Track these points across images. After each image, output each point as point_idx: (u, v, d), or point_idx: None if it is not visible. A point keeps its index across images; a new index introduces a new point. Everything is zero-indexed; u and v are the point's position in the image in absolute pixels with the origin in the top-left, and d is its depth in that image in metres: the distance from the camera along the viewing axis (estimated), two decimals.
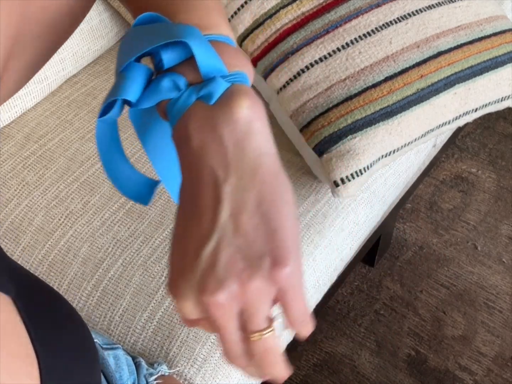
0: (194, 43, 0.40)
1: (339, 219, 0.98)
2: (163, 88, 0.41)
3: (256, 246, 0.38)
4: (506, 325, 1.44)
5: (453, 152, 1.82)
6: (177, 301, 0.39)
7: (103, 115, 0.43)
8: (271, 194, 0.39)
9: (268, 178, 0.40)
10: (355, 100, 0.95)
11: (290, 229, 0.39)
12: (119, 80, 0.42)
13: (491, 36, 1.05)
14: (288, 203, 0.40)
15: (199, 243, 0.38)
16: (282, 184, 0.40)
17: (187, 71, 0.41)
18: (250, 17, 1.05)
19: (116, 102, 0.42)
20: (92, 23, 1.15)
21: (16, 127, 1.07)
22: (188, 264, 0.39)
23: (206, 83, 0.41)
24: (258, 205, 0.39)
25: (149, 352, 0.82)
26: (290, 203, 0.40)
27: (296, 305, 0.39)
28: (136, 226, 0.92)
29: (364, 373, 1.37)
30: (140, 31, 0.43)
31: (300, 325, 0.39)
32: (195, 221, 0.39)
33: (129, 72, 0.42)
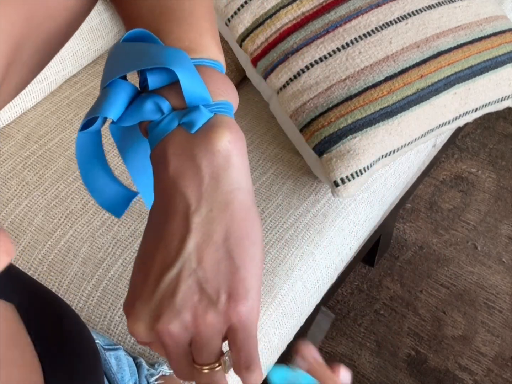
0: (181, 70, 0.40)
1: (339, 219, 0.98)
2: (145, 110, 0.41)
3: (215, 281, 0.39)
4: (506, 325, 1.44)
5: (453, 152, 1.82)
6: (129, 321, 0.40)
7: (84, 129, 0.43)
8: (239, 231, 0.39)
9: (238, 215, 0.40)
10: (355, 100, 0.95)
11: (252, 269, 0.39)
12: (103, 96, 0.42)
13: (491, 36, 1.05)
14: (255, 243, 0.40)
15: (162, 269, 0.39)
16: (252, 222, 0.40)
17: (171, 95, 0.41)
18: (250, 17, 1.05)
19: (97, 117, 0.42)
20: (92, 23, 1.15)
21: (16, 127, 1.07)
22: (147, 288, 0.39)
23: (189, 110, 0.41)
24: (224, 240, 0.39)
25: (149, 352, 0.82)
26: (257, 243, 0.40)
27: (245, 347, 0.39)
28: (136, 226, 0.92)
29: (364, 373, 1.37)
30: (129, 48, 0.42)
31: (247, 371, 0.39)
32: (161, 246, 0.39)
33: (113, 89, 0.41)
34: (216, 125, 0.40)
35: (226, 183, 0.40)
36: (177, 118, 0.41)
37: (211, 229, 0.39)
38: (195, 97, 0.41)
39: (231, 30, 1.07)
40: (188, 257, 0.39)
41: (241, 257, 0.39)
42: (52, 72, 1.10)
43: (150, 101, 0.41)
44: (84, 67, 1.19)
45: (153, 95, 0.41)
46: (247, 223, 0.40)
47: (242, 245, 0.39)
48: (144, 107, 0.41)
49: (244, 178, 0.41)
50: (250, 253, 0.39)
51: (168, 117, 0.41)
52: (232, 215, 0.39)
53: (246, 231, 0.40)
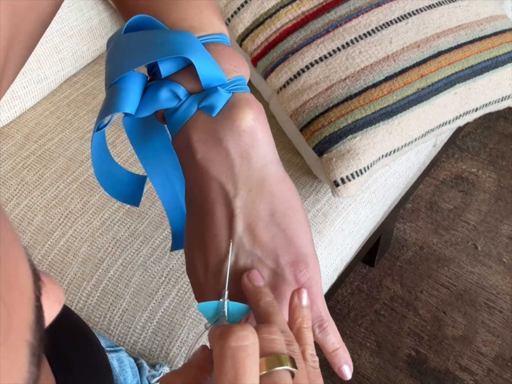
0: (194, 55, 0.39)
1: (339, 219, 0.98)
2: (161, 98, 0.41)
3: (274, 254, 0.39)
4: (507, 325, 1.44)
5: (453, 152, 1.81)
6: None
7: (99, 129, 0.42)
8: (282, 204, 0.40)
9: (276, 188, 0.40)
10: (355, 99, 0.95)
11: (304, 234, 0.40)
12: (115, 92, 0.41)
13: (492, 36, 1.05)
14: (299, 210, 0.41)
15: (219, 259, 0.40)
16: (290, 191, 0.41)
17: (185, 80, 0.41)
18: (250, 17, 1.04)
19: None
20: (92, 23, 1.15)
21: (15, 126, 1.07)
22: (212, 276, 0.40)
23: (207, 93, 0.40)
24: (270, 215, 0.40)
25: (149, 352, 0.82)
26: (300, 209, 0.41)
27: (318, 302, 0.40)
28: (136, 226, 0.92)
29: (364, 373, 1.37)
30: (135, 40, 0.41)
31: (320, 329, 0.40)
32: (210, 237, 0.40)
33: (124, 83, 0.41)
34: (236, 104, 0.40)
35: (257, 160, 0.40)
36: (195, 102, 0.40)
37: (255, 209, 0.40)
38: (211, 79, 0.40)
39: (231, 30, 1.06)
40: (239, 241, 0.39)
41: (291, 227, 0.40)
42: (52, 72, 1.10)
43: (165, 89, 0.41)
44: (83, 66, 1.19)
45: (166, 82, 0.41)
46: (286, 194, 0.41)
47: (288, 216, 0.40)
48: (160, 96, 0.41)
49: (272, 151, 0.41)
50: (297, 221, 0.40)
51: (186, 103, 0.40)
52: (271, 189, 0.40)
53: (288, 201, 0.41)
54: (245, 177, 0.40)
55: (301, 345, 0.38)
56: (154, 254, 0.89)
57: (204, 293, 0.41)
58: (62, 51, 1.11)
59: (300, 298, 0.39)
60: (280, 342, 0.34)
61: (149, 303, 0.84)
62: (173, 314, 0.83)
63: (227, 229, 0.39)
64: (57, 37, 1.10)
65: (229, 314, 0.38)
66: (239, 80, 0.42)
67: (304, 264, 0.40)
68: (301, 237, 0.40)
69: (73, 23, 1.12)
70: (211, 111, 0.40)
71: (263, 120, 0.41)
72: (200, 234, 0.41)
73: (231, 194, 0.39)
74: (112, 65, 0.42)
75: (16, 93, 1.06)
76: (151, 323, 0.83)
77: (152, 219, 0.92)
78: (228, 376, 0.30)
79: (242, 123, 0.40)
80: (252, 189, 0.40)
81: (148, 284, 0.86)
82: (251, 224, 0.39)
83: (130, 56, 0.41)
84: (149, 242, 0.90)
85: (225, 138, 0.39)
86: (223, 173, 0.39)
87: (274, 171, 0.41)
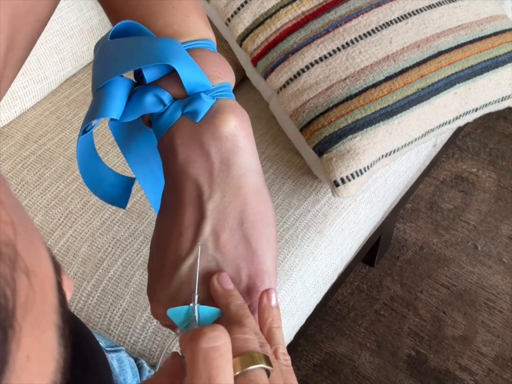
0: (178, 63, 0.40)
1: (339, 219, 0.98)
2: (146, 103, 0.41)
3: (235, 263, 0.39)
4: (507, 325, 1.44)
5: (453, 152, 1.81)
6: (152, 305, 0.41)
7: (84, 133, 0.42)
8: (253, 215, 0.40)
9: (251, 198, 0.40)
10: (355, 100, 0.95)
11: (269, 251, 0.40)
12: (100, 97, 0.41)
13: (492, 36, 1.05)
14: (269, 225, 0.41)
15: (179, 255, 0.39)
16: (265, 204, 0.41)
17: (170, 86, 0.41)
18: (250, 17, 1.04)
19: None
20: (92, 23, 1.15)
21: (15, 126, 1.07)
22: (166, 274, 0.40)
23: (191, 99, 0.41)
24: (239, 224, 0.40)
25: (149, 352, 0.82)
26: (271, 224, 0.41)
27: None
28: (136, 226, 0.92)
29: (364, 373, 1.37)
30: (120, 46, 0.42)
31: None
32: (176, 234, 0.40)
33: (109, 88, 0.41)
34: (220, 110, 0.40)
35: (237, 167, 0.40)
36: (179, 108, 0.41)
37: (226, 214, 0.39)
38: (195, 85, 0.41)
39: (231, 30, 1.06)
40: (204, 244, 0.39)
41: (257, 240, 0.40)
42: (52, 72, 1.10)
43: (150, 94, 0.41)
44: (83, 66, 1.18)
45: (151, 87, 0.41)
46: (260, 206, 0.40)
47: (257, 228, 0.40)
48: (145, 101, 0.41)
49: (253, 160, 0.41)
50: (265, 235, 0.40)
51: (171, 108, 0.41)
52: (246, 198, 0.40)
53: (260, 213, 0.40)
54: (222, 182, 0.40)
55: (272, 344, 0.37)
56: None
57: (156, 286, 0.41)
58: (62, 51, 1.11)
59: (269, 298, 0.39)
60: (254, 341, 0.34)
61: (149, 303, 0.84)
62: None
63: (194, 229, 0.39)
64: (57, 37, 1.10)
65: (199, 318, 0.38)
66: (224, 86, 0.42)
67: (261, 280, 0.40)
68: (264, 253, 0.40)
69: (73, 23, 1.12)
70: (194, 116, 0.40)
71: (246, 128, 0.41)
72: (167, 231, 0.41)
73: (205, 196, 0.39)
74: (98, 70, 0.43)
75: (16, 93, 1.06)
76: (151, 323, 0.83)
77: (152, 219, 0.92)
78: (202, 378, 0.30)
79: (225, 129, 0.40)
80: (227, 195, 0.40)
81: None
82: (218, 229, 0.39)
83: (116, 62, 0.41)
84: (149, 242, 0.90)
85: (207, 143, 0.40)
86: (201, 175, 0.40)
87: (253, 181, 0.40)
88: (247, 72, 1.10)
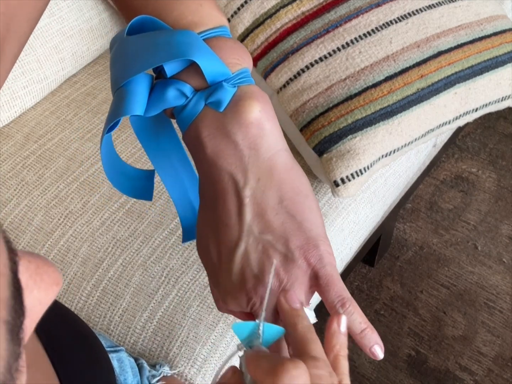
0: (198, 55, 0.40)
1: (339, 219, 0.98)
2: (168, 97, 0.42)
3: (284, 239, 0.41)
4: (507, 325, 1.44)
5: (453, 152, 1.81)
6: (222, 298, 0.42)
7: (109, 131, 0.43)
8: (291, 190, 0.41)
9: (285, 176, 0.41)
10: (355, 100, 0.95)
11: (314, 219, 0.42)
12: (122, 95, 0.42)
13: (492, 36, 1.05)
14: (308, 196, 0.42)
15: (230, 247, 0.41)
16: (299, 178, 0.42)
17: (190, 78, 0.42)
18: (250, 17, 1.04)
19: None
20: (92, 23, 1.15)
21: (15, 126, 1.07)
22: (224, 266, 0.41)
23: (212, 89, 0.41)
24: (279, 202, 0.41)
25: (149, 352, 0.82)
26: (309, 195, 0.42)
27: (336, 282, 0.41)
28: (136, 226, 0.92)
29: (364, 373, 1.37)
30: (138, 43, 0.42)
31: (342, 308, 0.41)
32: (222, 226, 0.41)
33: (131, 85, 0.42)
34: (242, 98, 0.41)
35: (265, 150, 0.41)
36: (202, 99, 0.41)
37: (264, 197, 0.41)
38: (215, 75, 0.41)
39: (231, 30, 1.06)
40: (249, 229, 0.40)
41: (300, 212, 0.41)
42: (52, 72, 1.10)
43: (171, 88, 0.41)
44: (83, 66, 1.18)
45: (172, 81, 0.42)
46: (294, 181, 0.42)
47: (297, 202, 0.41)
48: (167, 95, 0.42)
49: (279, 140, 0.42)
50: (306, 206, 0.42)
51: (193, 100, 0.41)
52: (279, 177, 0.41)
53: (297, 188, 0.42)
54: (254, 167, 0.41)
55: (338, 374, 0.37)
56: (154, 254, 0.89)
57: (219, 278, 0.42)
58: (62, 51, 1.11)
59: (339, 323, 0.39)
60: (327, 378, 0.34)
61: (149, 303, 0.84)
62: (173, 314, 0.83)
63: (237, 217, 0.41)
64: (57, 37, 1.10)
65: (263, 336, 0.38)
66: (243, 72, 0.43)
67: (313, 246, 0.41)
68: (310, 222, 0.41)
69: (73, 23, 1.12)
70: (218, 106, 0.41)
71: (269, 110, 0.42)
72: (213, 223, 0.42)
73: (240, 184, 0.41)
74: (117, 68, 0.43)
75: (16, 93, 1.06)
76: (151, 323, 0.83)
77: (152, 219, 0.92)
78: None
79: (249, 115, 0.41)
80: (261, 178, 0.41)
81: (148, 284, 0.86)
82: (261, 212, 0.41)
83: (135, 60, 0.42)
84: (149, 242, 0.90)
85: (233, 131, 0.41)
86: (232, 164, 0.41)
87: (283, 159, 0.42)
88: None
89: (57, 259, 0.89)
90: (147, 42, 0.42)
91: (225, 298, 0.42)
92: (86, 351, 0.54)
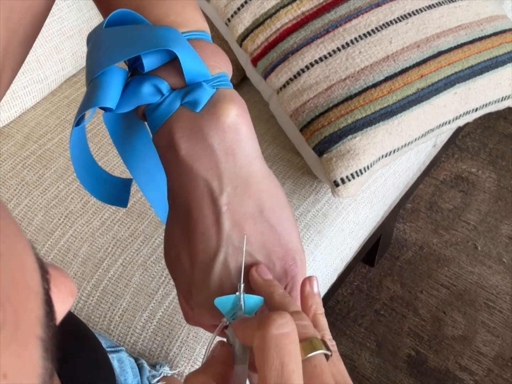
0: (179, 49, 0.39)
1: (339, 219, 0.98)
2: (143, 93, 0.40)
3: (264, 250, 0.40)
4: (507, 325, 1.44)
5: (453, 152, 1.81)
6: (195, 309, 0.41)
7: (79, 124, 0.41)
8: (270, 200, 0.40)
9: (263, 184, 0.40)
10: (355, 100, 0.95)
11: (292, 230, 0.41)
12: (95, 86, 0.40)
13: (491, 36, 1.05)
14: (286, 206, 0.41)
15: (208, 256, 0.39)
16: (275, 188, 0.41)
17: (168, 75, 0.40)
18: (250, 17, 1.04)
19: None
20: (92, 23, 1.15)
21: (15, 127, 1.07)
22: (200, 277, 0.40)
23: (190, 88, 0.40)
24: (259, 211, 0.40)
25: (149, 352, 0.82)
26: (286, 205, 0.42)
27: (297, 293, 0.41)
28: (136, 226, 0.92)
29: (364, 373, 1.37)
30: (117, 34, 0.40)
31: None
32: (198, 235, 0.40)
33: (105, 77, 0.40)
34: (221, 100, 0.40)
35: (242, 156, 0.40)
36: (178, 98, 0.40)
37: (242, 206, 0.40)
38: (195, 74, 0.40)
39: (231, 30, 1.06)
40: (228, 238, 0.39)
41: (279, 223, 0.40)
42: (52, 72, 1.10)
43: (147, 84, 0.40)
44: (83, 67, 1.18)
45: (149, 76, 0.40)
46: (273, 190, 0.41)
47: (276, 212, 0.41)
48: (142, 91, 0.40)
49: (255, 147, 0.41)
50: (285, 216, 0.41)
51: (169, 98, 0.40)
52: (258, 186, 0.40)
53: (275, 197, 0.41)
54: (231, 173, 0.39)
55: (319, 330, 0.38)
56: (154, 254, 0.89)
57: (192, 289, 0.40)
58: (62, 51, 1.11)
59: (311, 285, 0.40)
60: (311, 327, 0.34)
61: (149, 303, 0.84)
62: (173, 314, 0.83)
63: (214, 226, 0.39)
64: (57, 37, 1.10)
65: (245, 306, 0.39)
66: (223, 76, 0.41)
67: (292, 259, 0.40)
68: (289, 233, 0.41)
69: (73, 23, 1.12)
70: (195, 106, 0.39)
71: (246, 116, 0.41)
72: (185, 232, 0.40)
73: (217, 191, 0.39)
74: (93, 60, 0.41)
75: (16, 93, 1.06)
76: (151, 323, 0.83)
77: (152, 219, 0.92)
78: (275, 365, 0.30)
79: (227, 119, 0.39)
80: (239, 186, 0.39)
81: (148, 284, 0.86)
82: (239, 220, 0.39)
83: (112, 50, 0.40)
84: (149, 242, 0.90)
85: (210, 134, 0.39)
86: (208, 170, 0.39)
87: (259, 167, 0.41)
88: (247, 72, 1.10)
89: (57, 259, 0.89)
90: (125, 33, 0.40)
91: (199, 310, 0.41)
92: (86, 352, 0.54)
